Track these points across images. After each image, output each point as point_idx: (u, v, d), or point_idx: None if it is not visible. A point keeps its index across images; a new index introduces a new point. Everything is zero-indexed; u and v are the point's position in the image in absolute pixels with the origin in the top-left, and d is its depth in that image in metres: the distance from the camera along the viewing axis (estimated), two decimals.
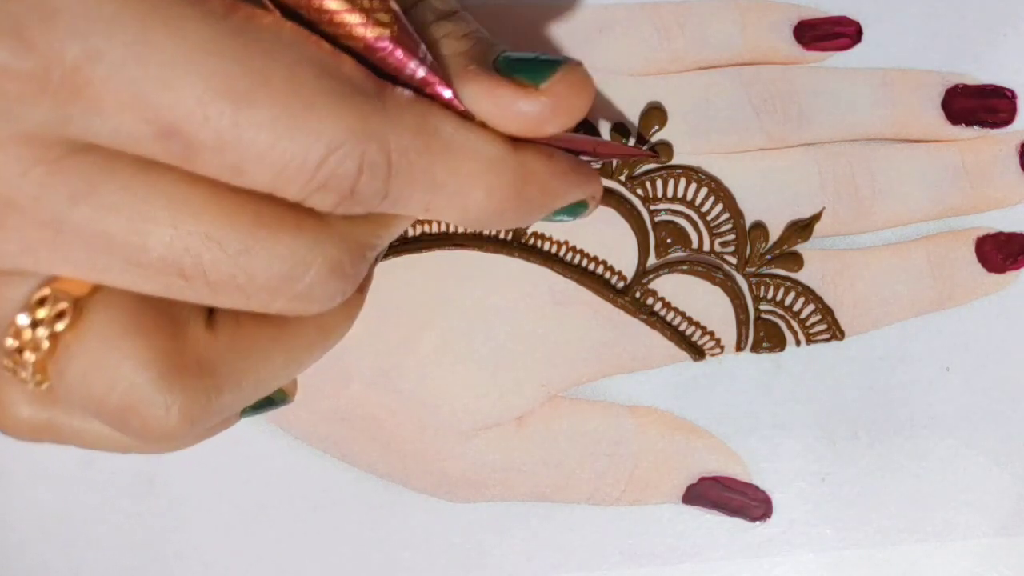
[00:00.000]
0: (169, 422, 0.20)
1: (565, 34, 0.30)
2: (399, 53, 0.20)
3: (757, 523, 0.31)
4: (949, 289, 0.31)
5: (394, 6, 0.20)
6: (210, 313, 0.21)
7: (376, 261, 0.23)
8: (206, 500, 0.31)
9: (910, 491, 0.31)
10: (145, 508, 0.31)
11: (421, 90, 0.21)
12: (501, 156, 0.21)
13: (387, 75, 0.21)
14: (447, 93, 0.21)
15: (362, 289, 0.23)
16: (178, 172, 0.18)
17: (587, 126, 0.30)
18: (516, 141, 0.22)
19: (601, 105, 0.30)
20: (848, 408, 0.31)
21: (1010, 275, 0.31)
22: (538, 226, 0.30)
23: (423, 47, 0.21)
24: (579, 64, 0.22)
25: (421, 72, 0.21)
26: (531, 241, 0.30)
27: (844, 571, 0.31)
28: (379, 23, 0.20)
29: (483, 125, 0.22)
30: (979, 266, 0.31)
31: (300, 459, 0.31)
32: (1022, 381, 0.32)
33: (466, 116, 0.22)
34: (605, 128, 0.30)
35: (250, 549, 0.31)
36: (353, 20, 0.20)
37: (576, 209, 0.25)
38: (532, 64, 0.22)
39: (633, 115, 0.30)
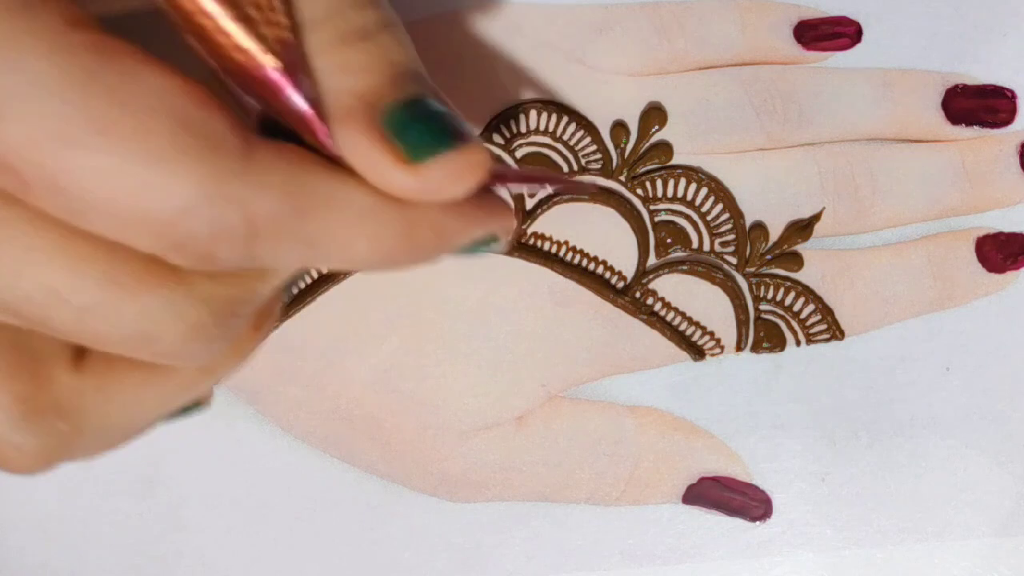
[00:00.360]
0: (23, 462, 0.19)
1: (565, 34, 0.30)
2: (283, 85, 0.18)
3: (757, 523, 0.31)
4: (949, 289, 0.31)
5: (288, 35, 0.18)
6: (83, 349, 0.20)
7: (274, 318, 0.21)
8: (206, 500, 0.31)
9: (910, 491, 0.31)
10: (145, 508, 0.31)
11: (299, 126, 0.19)
12: (379, 207, 0.19)
13: (265, 101, 0.19)
14: (324, 131, 0.19)
15: (259, 327, 0.21)
16: (30, 210, 0.17)
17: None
18: None
19: (601, 105, 0.30)
20: (848, 408, 0.31)
21: (1010, 275, 0.31)
22: (538, 226, 0.30)
23: (310, 83, 0.19)
24: (474, 149, 0.19)
25: (302, 105, 0.19)
26: (531, 241, 0.30)
27: (844, 571, 0.31)
28: (269, 49, 0.18)
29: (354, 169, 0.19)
30: (979, 266, 0.31)
31: (300, 459, 0.31)
32: (1022, 381, 0.32)
33: (326, 149, 0.19)
34: (605, 128, 0.30)
35: (250, 549, 0.31)
36: (238, 41, 0.18)
37: (486, 244, 0.22)
38: (423, 132, 0.19)
39: (633, 115, 0.30)
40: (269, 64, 0.18)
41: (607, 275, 0.30)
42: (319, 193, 0.18)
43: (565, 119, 0.30)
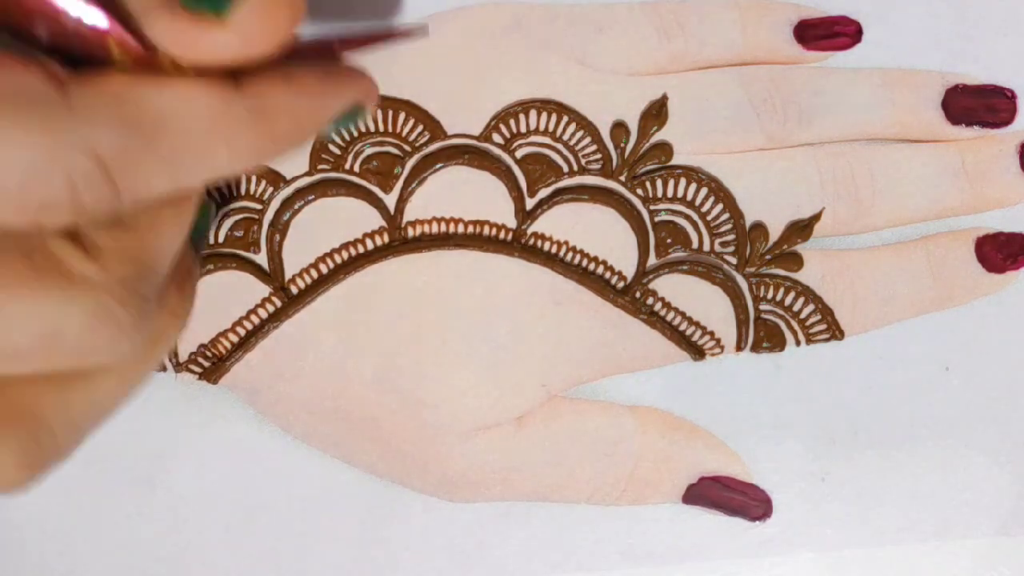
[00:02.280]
0: (7, 475, 0.19)
1: (565, 34, 0.30)
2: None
3: (757, 523, 0.31)
4: (949, 289, 0.31)
5: None
6: None
7: (195, 276, 0.21)
8: (206, 500, 0.31)
9: (910, 491, 0.31)
10: (145, 508, 0.31)
11: (92, 36, 0.18)
12: (224, 103, 0.19)
13: (54, 27, 0.18)
14: (123, 32, 0.18)
15: (181, 288, 0.21)
16: None
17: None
18: (241, 77, 0.19)
19: (601, 105, 0.30)
20: (848, 408, 0.31)
21: (1010, 275, 0.31)
22: (538, 226, 0.30)
23: None
24: None
25: (84, 9, 0.18)
26: (531, 241, 0.30)
27: (844, 571, 0.31)
28: None
29: (190, 73, 0.19)
30: (979, 266, 0.31)
31: (300, 459, 0.31)
32: (1022, 381, 0.32)
33: (164, 65, 0.19)
34: (605, 128, 0.30)
35: (250, 549, 0.31)
36: None
37: (352, 117, 0.21)
38: None
39: (633, 115, 0.30)
40: None
41: (607, 275, 0.30)
42: (153, 108, 0.18)
43: (565, 119, 0.30)
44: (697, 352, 0.31)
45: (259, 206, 0.30)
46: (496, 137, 0.30)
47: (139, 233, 0.19)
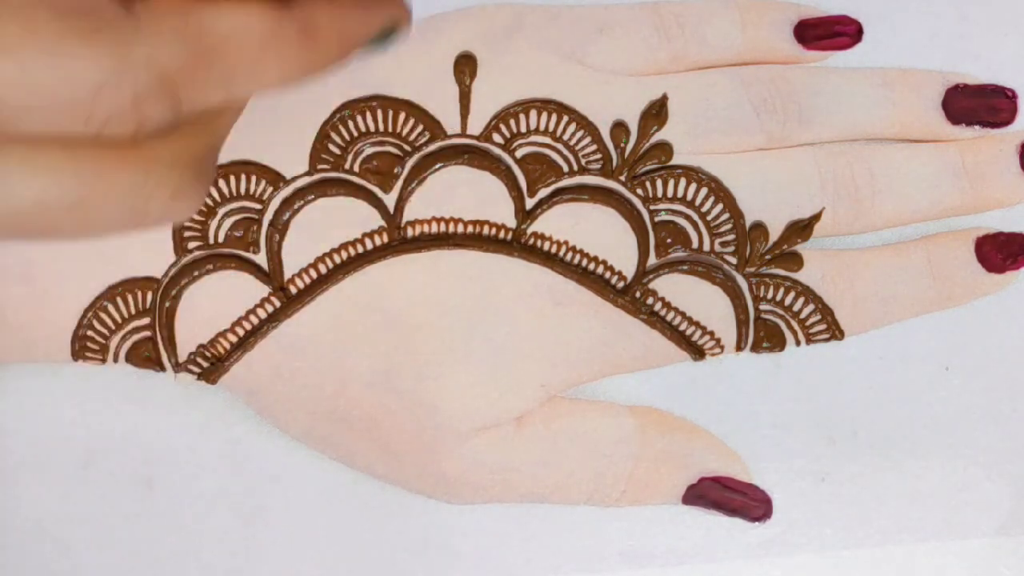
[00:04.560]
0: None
1: (565, 34, 0.30)
2: None
3: (757, 523, 0.31)
4: (949, 289, 0.31)
5: None
6: None
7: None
8: (205, 501, 0.31)
9: (910, 491, 0.31)
10: (145, 508, 0.31)
11: None
12: (276, 23, 0.20)
13: None
14: None
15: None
16: None
17: None
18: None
19: (601, 105, 0.30)
20: (848, 408, 0.31)
21: (1010, 275, 0.31)
22: (538, 226, 0.30)
23: None
24: None
25: None
26: (531, 241, 0.30)
27: (844, 571, 0.31)
28: None
29: None
30: (979, 266, 0.31)
31: (298, 460, 0.31)
32: (1022, 381, 0.32)
33: None
34: (605, 128, 0.30)
35: (248, 550, 0.31)
36: None
37: (384, 40, 0.23)
38: None
39: (633, 115, 0.30)
40: None
41: (607, 275, 0.30)
42: (213, 30, 0.19)
43: (565, 119, 0.30)
44: (697, 352, 0.31)
45: (259, 206, 0.30)
46: (496, 137, 0.30)
47: (207, 119, 0.21)
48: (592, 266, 0.30)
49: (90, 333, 0.30)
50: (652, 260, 0.30)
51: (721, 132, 0.30)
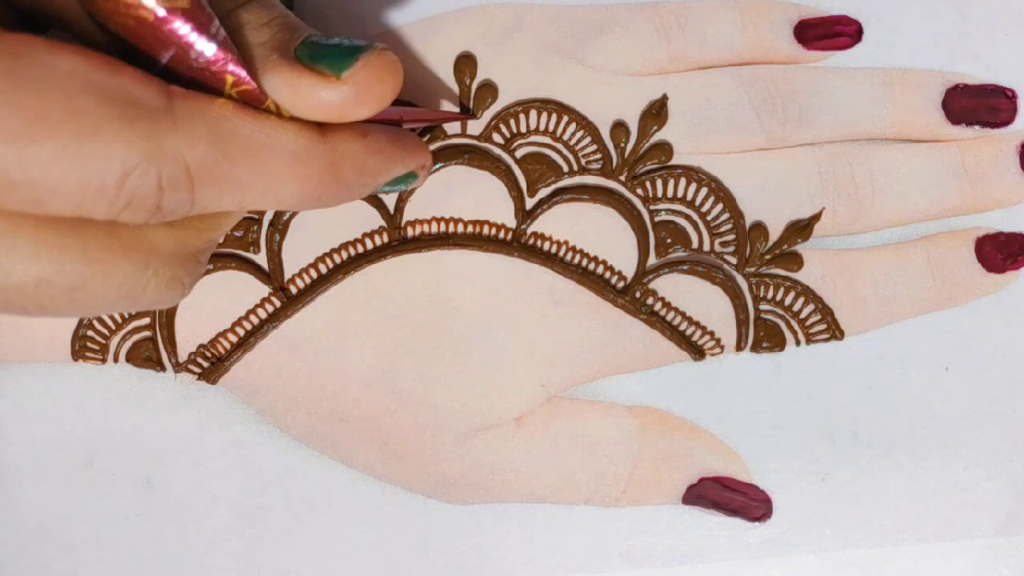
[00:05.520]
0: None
1: (565, 34, 0.30)
2: (190, 28, 0.20)
3: (757, 524, 0.31)
4: (949, 289, 0.31)
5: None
6: None
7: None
8: (205, 501, 0.31)
9: (910, 491, 0.31)
10: (144, 508, 0.31)
11: (212, 71, 0.21)
12: (307, 147, 0.21)
13: (178, 56, 0.20)
14: (242, 72, 0.21)
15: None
16: (2, 212, 0.19)
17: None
18: (325, 125, 0.22)
19: (601, 105, 0.30)
20: (848, 408, 0.31)
21: (1010, 275, 0.31)
22: (538, 226, 0.30)
23: (216, 23, 0.20)
24: (384, 50, 0.22)
25: (212, 48, 0.20)
26: (531, 241, 0.30)
27: (844, 571, 0.31)
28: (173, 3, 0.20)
29: (286, 115, 0.22)
30: (979, 266, 0.31)
31: (298, 460, 0.31)
32: (1022, 381, 0.32)
33: (267, 104, 0.21)
34: (605, 128, 0.30)
35: (248, 550, 0.31)
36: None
37: (405, 180, 0.25)
38: (334, 52, 0.22)
39: (633, 115, 0.30)
40: (180, 14, 0.20)
41: (607, 275, 0.30)
42: (246, 138, 0.21)
43: (565, 119, 0.30)
44: (697, 352, 0.31)
45: None
46: (496, 137, 0.30)
47: (211, 218, 0.22)
48: (592, 266, 0.30)
49: (90, 333, 0.30)
50: (652, 260, 0.30)
51: (721, 132, 0.30)
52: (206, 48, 0.20)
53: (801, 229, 0.30)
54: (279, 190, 0.21)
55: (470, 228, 0.30)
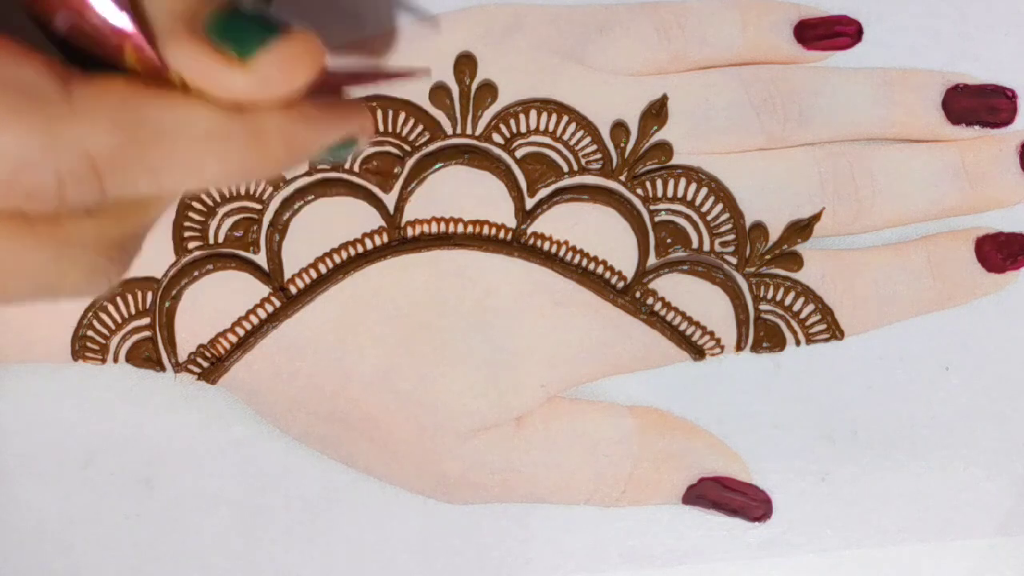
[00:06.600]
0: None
1: (565, 34, 0.30)
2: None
3: (757, 524, 0.31)
4: (949, 289, 0.31)
5: None
6: None
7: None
8: (204, 501, 0.31)
9: (910, 491, 0.31)
10: (144, 509, 0.31)
11: (110, 36, 0.19)
12: (222, 125, 0.19)
13: (74, 20, 0.19)
14: (142, 41, 0.19)
15: None
16: None
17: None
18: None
19: (601, 105, 0.30)
20: (848, 408, 0.31)
21: (1010, 275, 0.31)
22: (538, 226, 0.30)
23: None
24: (300, 35, 0.19)
25: (110, 9, 0.19)
26: (531, 241, 0.30)
27: (844, 571, 0.31)
28: None
29: (195, 93, 0.19)
30: (979, 266, 0.31)
31: (298, 460, 0.31)
32: (1022, 381, 0.32)
33: (174, 77, 0.19)
34: (605, 128, 0.30)
35: (248, 551, 0.31)
36: None
37: (343, 148, 0.22)
38: (244, 30, 0.19)
39: (633, 115, 0.30)
40: None
41: (607, 275, 0.30)
42: (153, 120, 0.19)
43: (565, 119, 0.30)
44: (697, 352, 0.31)
45: (259, 206, 0.30)
46: (496, 137, 0.30)
47: (135, 206, 0.21)
48: (592, 266, 0.30)
49: (90, 333, 0.30)
50: (652, 260, 0.30)
51: (721, 132, 0.30)
52: (105, 9, 0.19)
53: (801, 229, 0.30)
54: (199, 171, 0.19)
55: (470, 228, 0.30)
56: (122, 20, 0.19)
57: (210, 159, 0.19)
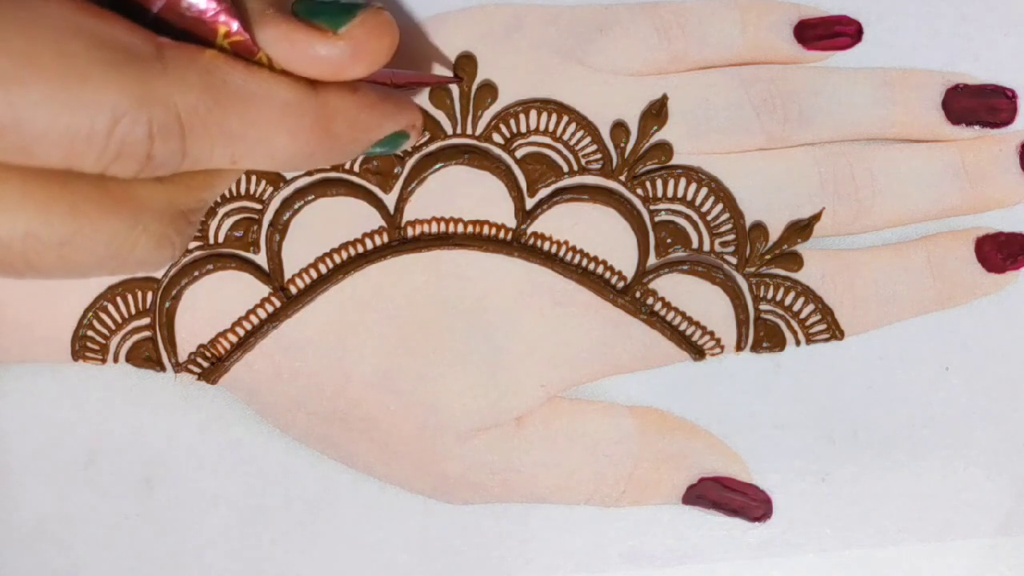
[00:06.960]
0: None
1: (565, 34, 0.30)
2: None
3: (757, 524, 0.31)
4: (949, 289, 0.31)
5: None
6: None
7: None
8: (205, 501, 0.31)
9: (910, 491, 0.31)
10: (144, 508, 0.31)
11: (204, 20, 0.21)
12: (299, 99, 0.21)
13: (169, 4, 0.20)
14: (234, 23, 0.21)
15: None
16: None
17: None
18: (316, 81, 0.22)
19: (601, 105, 0.30)
20: (848, 408, 0.31)
21: (1010, 275, 0.31)
22: (538, 226, 0.30)
23: None
24: (380, 9, 0.22)
25: (210, 3, 0.21)
26: (531, 241, 0.30)
27: (844, 571, 0.31)
28: None
29: (277, 69, 0.22)
30: (979, 266, 0.31)
31: (298, 460, 0.31)
32: (1022, 381, 0.32)
33: (261, 59, 0.21)
34: (605, 128, 0.30)
35: (248, 550, 0.31)
36: None
37: (396, 140, 0.25)
38: (331, 8, 0.22)
39: (633, 115, 0.30)
40: None
41: (607, 275, 0.30)
42: (237, 88, 0.20)
43: (565, 119, 0.30)
44: (697, 352, 0.31)
45: (259, 206, 0.30)
46: (496, 137, 0.30)
47: (202, 177, 0.22)
48: (592, 266, 0.30)
49: (90, 333, 0.30)
50: (652, 260, 0.30)
51: (721, 132, 0.30)
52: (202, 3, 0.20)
53: (801, 229, 0.30)
54: (271, 142, 0.21)
55: (470, 228, 0.30)
56: (216, 4, 0.21)
57: (283, 132, 0.21)
